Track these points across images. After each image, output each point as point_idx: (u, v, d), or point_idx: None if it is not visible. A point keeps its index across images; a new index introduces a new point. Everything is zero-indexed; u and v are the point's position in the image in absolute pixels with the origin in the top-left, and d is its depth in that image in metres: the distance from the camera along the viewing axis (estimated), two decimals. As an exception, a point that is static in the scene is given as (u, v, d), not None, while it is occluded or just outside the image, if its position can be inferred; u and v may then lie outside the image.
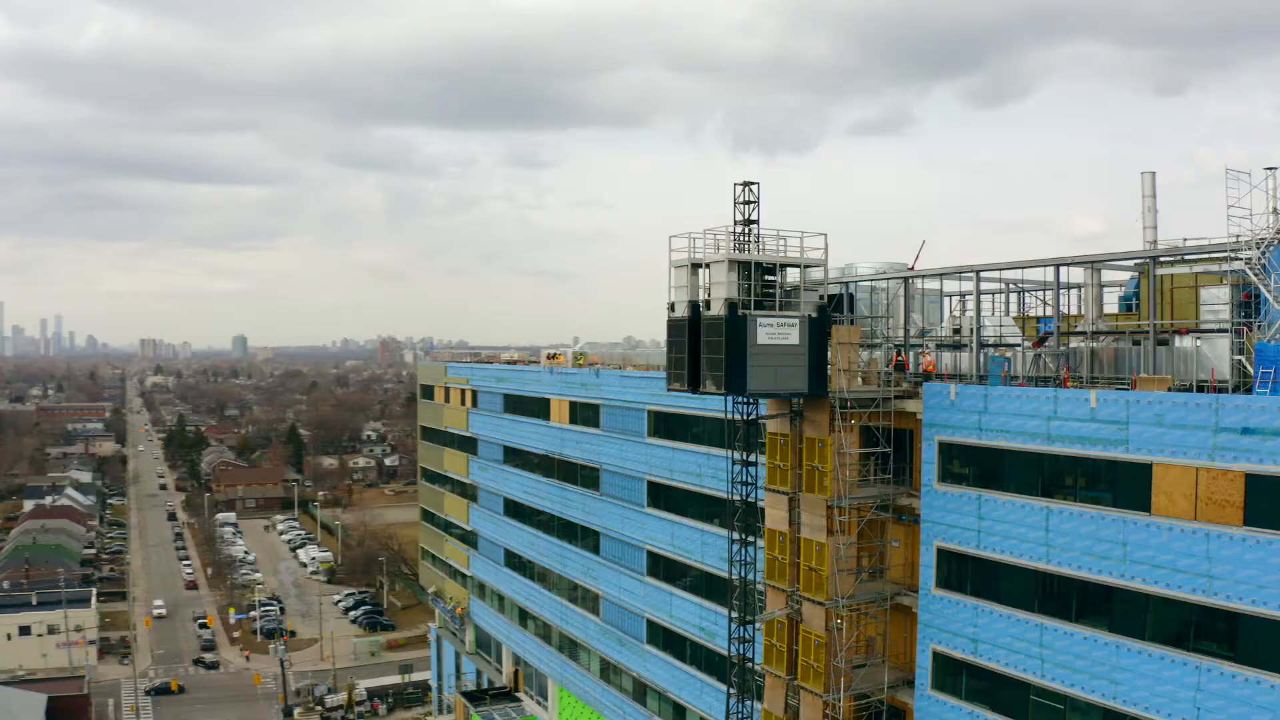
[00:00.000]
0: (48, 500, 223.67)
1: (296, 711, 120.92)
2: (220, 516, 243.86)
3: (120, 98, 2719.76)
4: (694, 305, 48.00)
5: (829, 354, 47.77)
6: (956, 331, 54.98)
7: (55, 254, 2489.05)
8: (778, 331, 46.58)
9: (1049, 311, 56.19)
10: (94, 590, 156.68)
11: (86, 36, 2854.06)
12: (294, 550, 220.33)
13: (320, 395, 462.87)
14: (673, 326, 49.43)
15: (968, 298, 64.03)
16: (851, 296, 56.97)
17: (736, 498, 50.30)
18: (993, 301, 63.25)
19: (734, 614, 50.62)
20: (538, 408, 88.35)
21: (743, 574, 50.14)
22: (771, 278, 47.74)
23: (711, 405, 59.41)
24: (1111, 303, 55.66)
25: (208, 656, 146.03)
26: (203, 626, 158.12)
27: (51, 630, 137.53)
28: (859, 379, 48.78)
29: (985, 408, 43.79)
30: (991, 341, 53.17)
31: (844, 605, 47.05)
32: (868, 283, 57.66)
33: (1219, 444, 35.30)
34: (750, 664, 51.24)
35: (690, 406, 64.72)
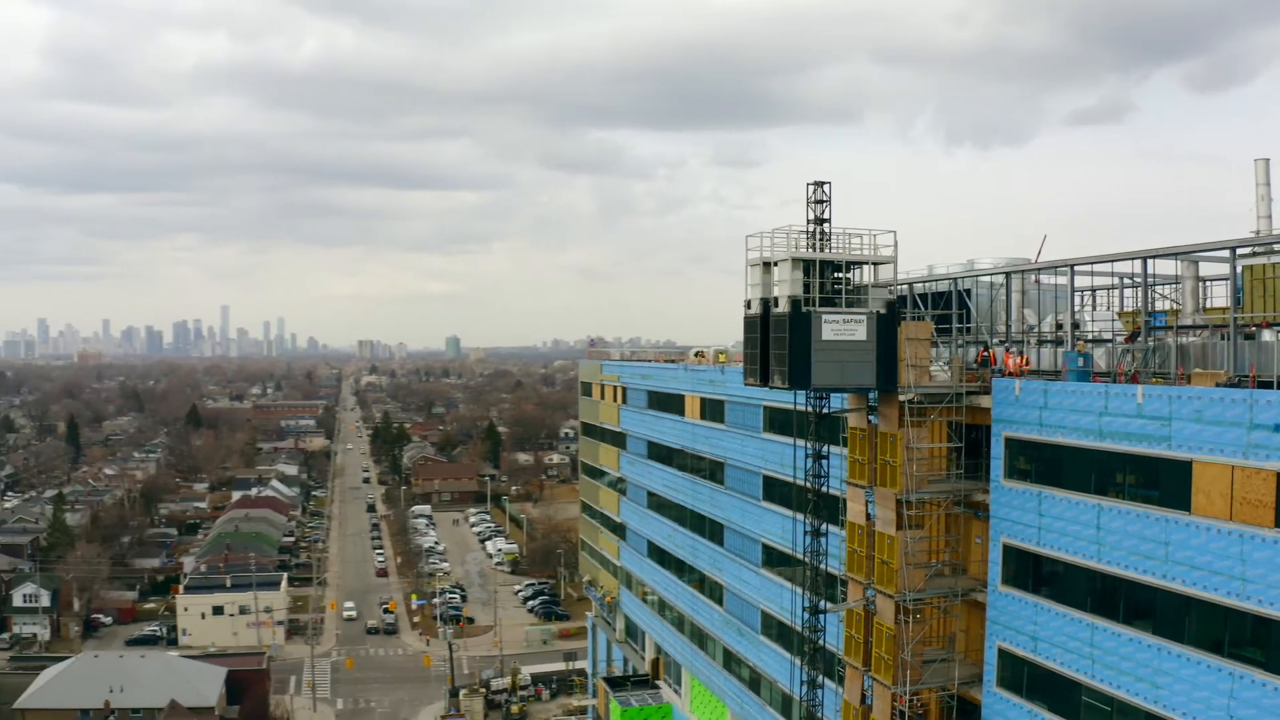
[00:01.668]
0: (254, 491, 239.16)
1: (462, 693, 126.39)
2: (416, 509, 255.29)
3: (337, 108, 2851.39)
4: (765, 302, 49.13)
5: (898, 350, 48.08)
6: (1059, 328, 54.34)
7: (278, 259, 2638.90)
8: (844, 327, 47.20)
9: (1162, 305, 54.93)
10: (285, 575, 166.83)
11: (304, 50, 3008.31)
12: (482, 542, 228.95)
13: (523, 394, 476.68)
14: (748, 323, 50.67)
15: (1087, 293, 63.44)
16: (967, 293, 57.00)
17: (809, 489, 51.16)
18: (1107, 296, 61.79)
19: (805, 604, 51.48)
20: (675, 404, 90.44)
21: (814, 564, 50.95)
22: (843, 275, 48.47)
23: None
24: (1222, 296, 53.89)
25: (386, 622, 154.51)
26: (386, 611, 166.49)
27: (243, 611, 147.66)
28: (929, 375, 48.90)
29: (1045, 403, 43.47)
30: (1091, 337, 52.50)
31: (911, 599, 47.35)
32: (974, 279, 57.36)
33: (1252, 441, 34.39)
34: (822, 650, 52.03)
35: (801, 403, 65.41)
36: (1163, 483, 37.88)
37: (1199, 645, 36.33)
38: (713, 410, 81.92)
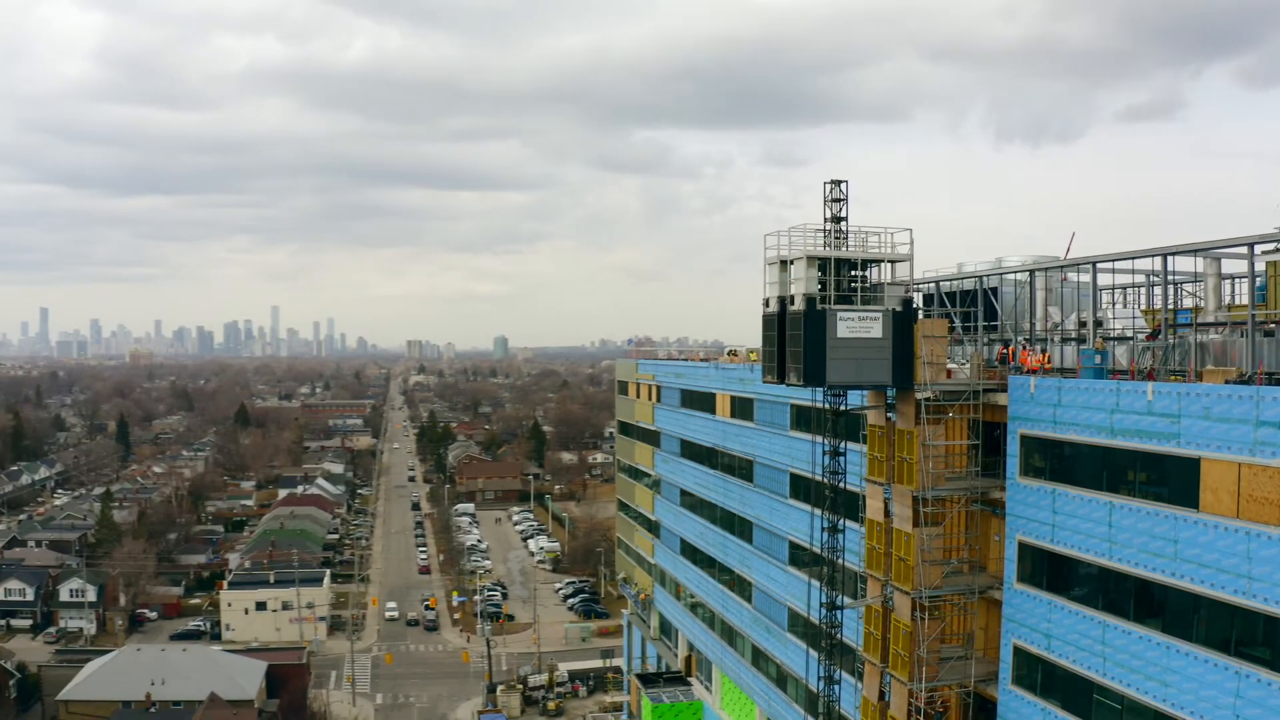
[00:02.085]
0: (299, 489, 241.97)
1: (499, 689, 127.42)
2: (460, 507, 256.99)
3: (385, 109, 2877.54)
4: (782, 300, 49.40)
5: (915, 347, 48.16)
6: (1082, 325, 54.14)
7: (327, 260, 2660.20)
8: (859, 325, 47.39)
9: (1187, 303, 54.61)
10: (328, 571, 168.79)
11: (352, 51, 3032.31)
12: (525, 540, 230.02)
13: (569, 394, 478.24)
14: (766, 321, 50.94)
15: (1116, 290, 63.12)
16: (994, 291, 56.94)
17: (826, 485, 51.38)
18: (1136, 294, 61.39)
19: (823, 600, 51.71)
20: (707, 402, 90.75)
21: (832, 560, 51.18)
22: (861, 273, 48.65)
23: (850, 400, 60.23)
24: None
25: (427, 618, 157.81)
26: (427, 608, 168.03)
27: (285, 606, 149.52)
28: (946, 372, 48.95)
29: (1059, 400, 43.42)
30: (1115, 335, 52.27)
31: (927, 596, 47.43)
32: (999, 277, 57.24)
33: (1259, 439, 34.25)
34: (839, 645, 52.23)
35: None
36: (1171, 480, 37.79)
37: (1206, 644, 36.22)
38: (742, 408, 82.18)
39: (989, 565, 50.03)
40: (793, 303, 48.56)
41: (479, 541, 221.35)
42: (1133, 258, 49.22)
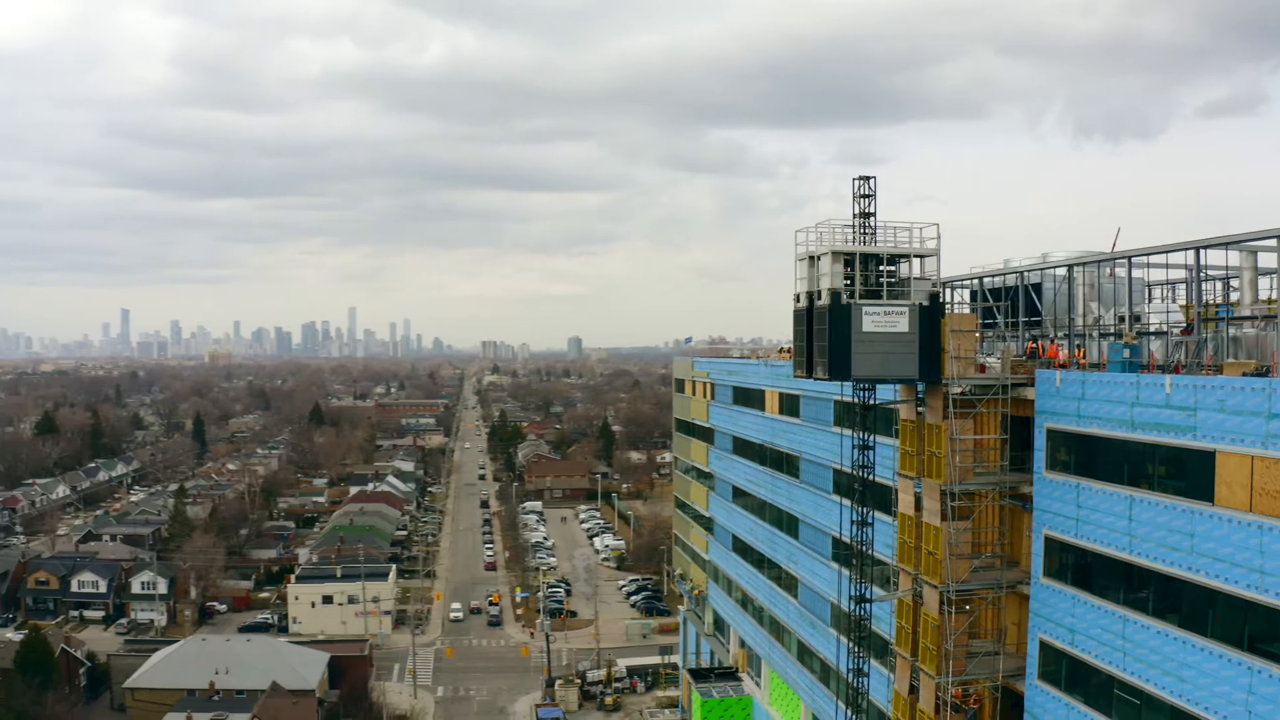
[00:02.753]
0: (370, 487, 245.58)
1: (558, 683, 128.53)
2: (527, 505, 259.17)
3: (460, 111, 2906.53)
4: (810, 296, 49.78)
5: (942, 341, 48.26)
6: (1122, 320, 53.78)
7: (403, 262, 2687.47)
8: (885, 319, 47.64)
9: (1235, 297, 54.02)
10: (394, 566, 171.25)
11: (428, 55, 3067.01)
12: (591, 538, 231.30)
13: (639, 394, 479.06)
14: (796, 316, 51.35)
15: (1164, 285, 62.47)
16: (1037, 287, 56.76)
17: (856, 479, 51.67)
18: (1186, 289, 60.71)
19: (853, 592, 52.00)
20: (757, 399, 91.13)
21: (862, 553, 51.45)
22: (889, 268, 48.87)
23: (882, 395, 60.36)
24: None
25: (491, 614, 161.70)
26: (491, 604, 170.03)
27: (351, 600, 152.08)
28: (974, 366, 48.96)
29: (1083, 394, 43.34)
30: (1154, 329, 51.86)
31: (954, 590, 47.51)
32: (1036, 272, 57.03)
33: (1271, 431, 34.03)
34: (870, 638, 52.46)
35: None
36: (1188, 473, 37.63)
37: (1221, 639, 36.05)
38: (789, 405, 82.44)
39: (1021, 560, 49.96)
40: (820, 298, 48.95)
41: (544, 539, 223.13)
42: (1166, 251, 48.76)
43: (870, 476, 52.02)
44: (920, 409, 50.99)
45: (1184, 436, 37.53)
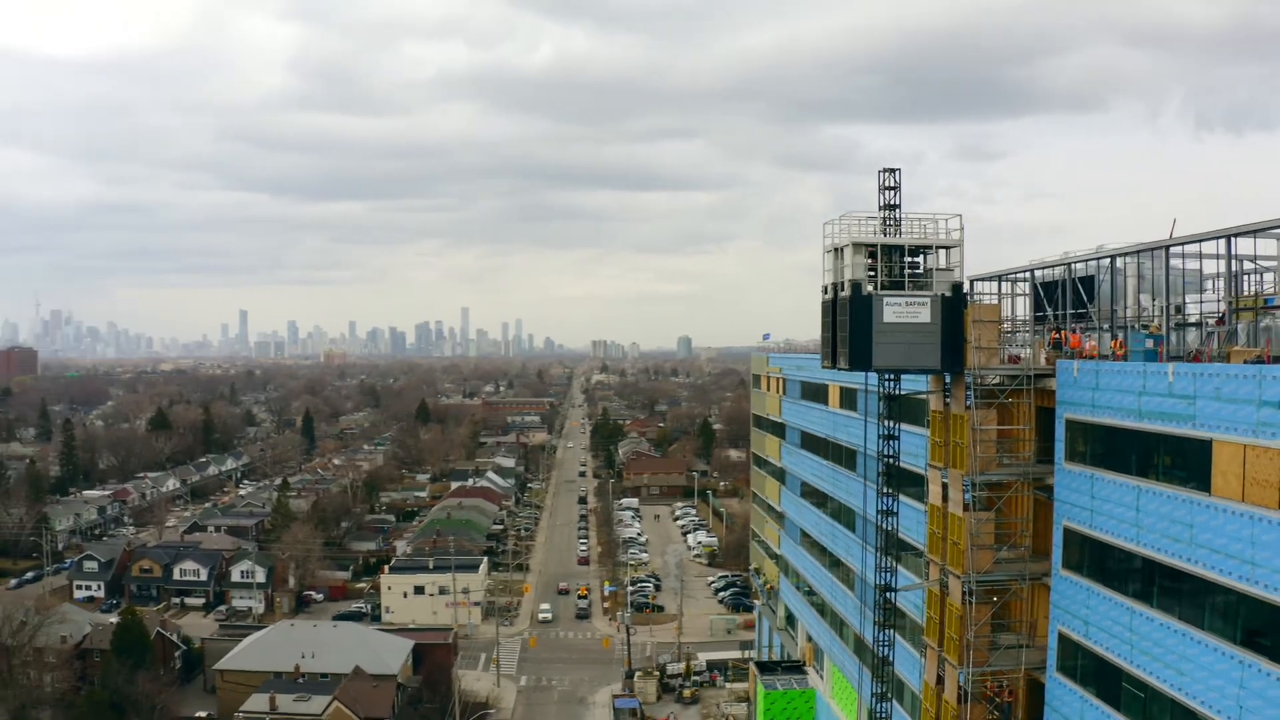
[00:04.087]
0: (470, 482, 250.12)
1: (637, 675, 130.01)
2: (624, 501, 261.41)
3: (571, 111, 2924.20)
4: (835, 287, 50.26)
5: (965, 332, 48.33)
6: (1174, 312, 53.18)
7: (513, 262, 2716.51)
8: (906, 310, 47.88)
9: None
10: (485, 559, 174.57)
11: (539, 55, 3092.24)
12: (685, 535, 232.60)
13: (744, 392, 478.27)
14: (824, 308, 51.85)
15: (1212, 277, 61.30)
16: (1089, 280, 56.37)
17: (880, 469, 52.01)
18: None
19: (879, 581, 52.33)
20: (821, 393, 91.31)
21: (887, 542, 51.79)
22: (911, 259, 49.10)
23: (918, 386, 60.49)
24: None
25: (579, 607, 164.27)
26: (579, 597, 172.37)
27: (442, 591, 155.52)
28: (997, 357, 48.92)
29: (1097, 384, 43.11)
30: (1192, 321, 51.17)
31: (975, 580, 47.56)
32: (1095, 264, 56.58)
33: (1261, 419, 33.62)
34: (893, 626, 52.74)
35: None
36: (1188, 463, 37.32)
37: (1215, 631, 35.70)
38: (849, 398, 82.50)
39: (1048, 552, 49.72)
40: (843, 289, 49.41)
41: (638, 535, 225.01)
42: (1200, 240, 48.13)
43: (899, 465, 52.21)
44: (947, 399, 51.08)
45: (1184, 426, 37.23)
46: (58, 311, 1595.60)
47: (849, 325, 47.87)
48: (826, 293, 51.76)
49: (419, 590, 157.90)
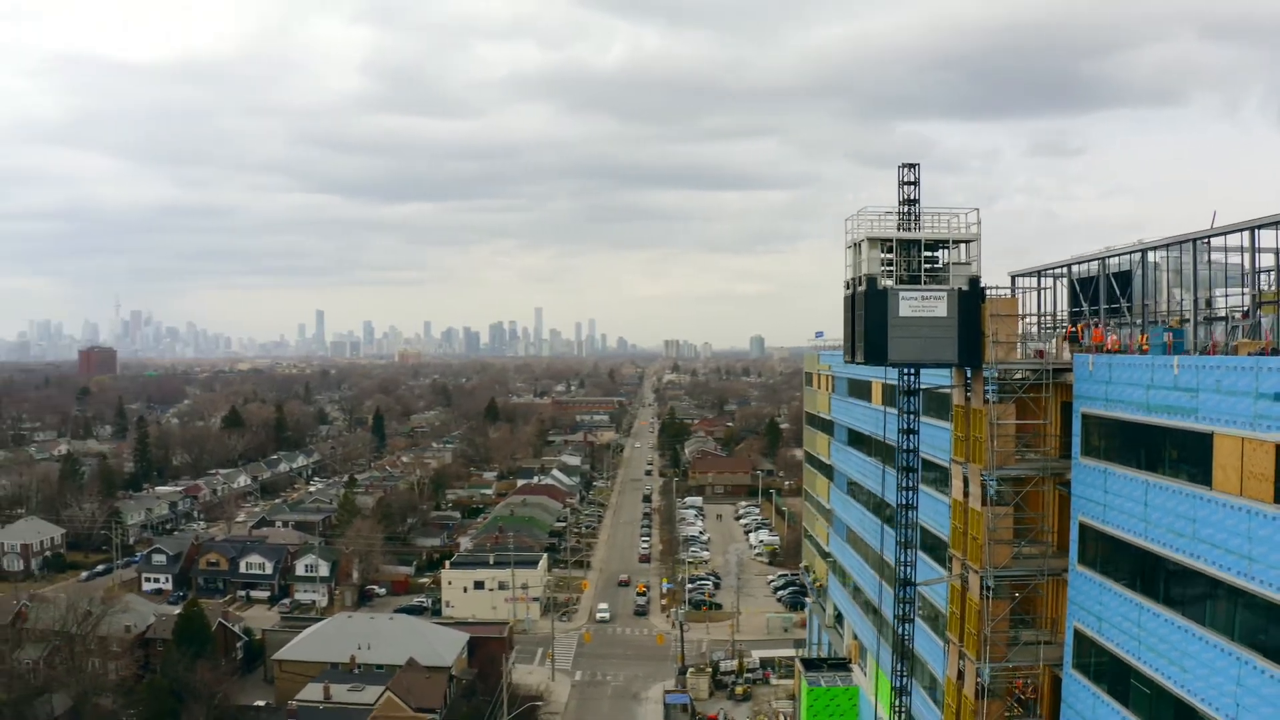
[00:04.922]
0: (535, 480, 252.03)
1: (690, 671, 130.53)
2: (688, 500, 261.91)
3: (643, 111, 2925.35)
4: (854, 282, 50.48)
5: (983, 326, 48.26)
6: (1199, 306, 52.64)
7: (585, 263, 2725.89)
8: (923, 304, 47.95)
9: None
10: (545, 556, 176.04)
11: (610, 55, 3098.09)
12: (746, 534, 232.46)
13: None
14: (845, 303, 52.10)
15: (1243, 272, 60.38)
16: (1126, 275, 56.02)
17: (900, 462, 52.08)
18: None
19: (900, 575, 52.41)
20: (865, 390, 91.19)
21: (907, 534, 51.88)
22: (928, 254, 49.16)
23: (948, 382, 60.40)
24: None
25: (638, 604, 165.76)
26: (638, 594, 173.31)
27: (502, 586, 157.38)
28: (1015, 351, 48.78)
29: (1110, 378, 42.86)
30: (1220, 315, 50.66)
31: (992, 575, 47.47)
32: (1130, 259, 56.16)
33: (1258, 411, 33.34)
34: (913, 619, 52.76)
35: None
36: (1191, 457, 37.04)
37: (1215, 628, 35.41)
38: (890, 395, 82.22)
39: (1068, 547, 49.46)
40: (860, 284, 49.60)
41: (700, 533, 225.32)
42: (1224, 233, 47.63)
43: (928, 459, 52.25)
44: (968, 394, 51.01)
45: (1188, 419, 36.96)
46: (137, 312, 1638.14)
47: (865, 319, 48.11)
48: (847, 288, 52.01)
49: (479, 585, 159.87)
